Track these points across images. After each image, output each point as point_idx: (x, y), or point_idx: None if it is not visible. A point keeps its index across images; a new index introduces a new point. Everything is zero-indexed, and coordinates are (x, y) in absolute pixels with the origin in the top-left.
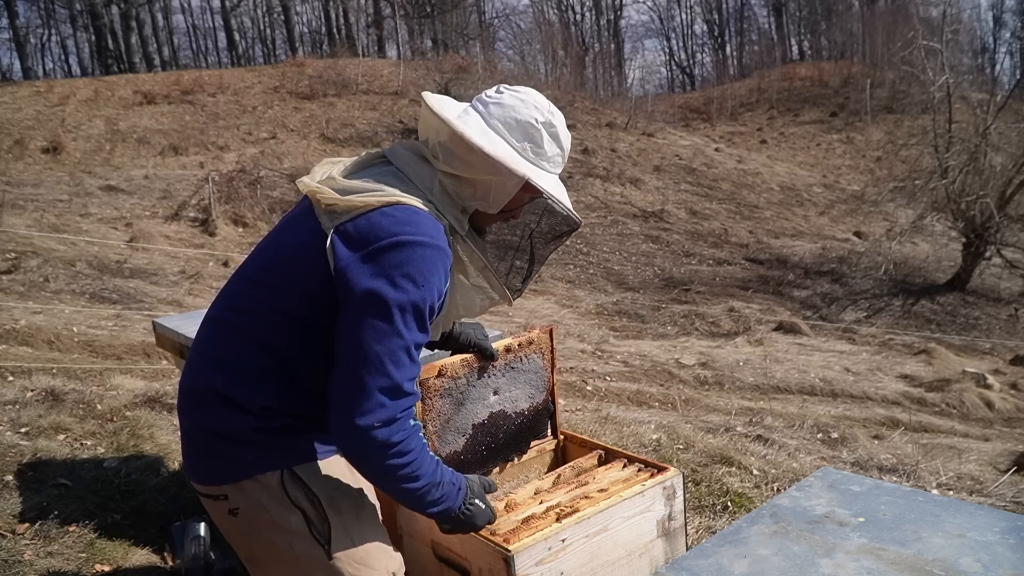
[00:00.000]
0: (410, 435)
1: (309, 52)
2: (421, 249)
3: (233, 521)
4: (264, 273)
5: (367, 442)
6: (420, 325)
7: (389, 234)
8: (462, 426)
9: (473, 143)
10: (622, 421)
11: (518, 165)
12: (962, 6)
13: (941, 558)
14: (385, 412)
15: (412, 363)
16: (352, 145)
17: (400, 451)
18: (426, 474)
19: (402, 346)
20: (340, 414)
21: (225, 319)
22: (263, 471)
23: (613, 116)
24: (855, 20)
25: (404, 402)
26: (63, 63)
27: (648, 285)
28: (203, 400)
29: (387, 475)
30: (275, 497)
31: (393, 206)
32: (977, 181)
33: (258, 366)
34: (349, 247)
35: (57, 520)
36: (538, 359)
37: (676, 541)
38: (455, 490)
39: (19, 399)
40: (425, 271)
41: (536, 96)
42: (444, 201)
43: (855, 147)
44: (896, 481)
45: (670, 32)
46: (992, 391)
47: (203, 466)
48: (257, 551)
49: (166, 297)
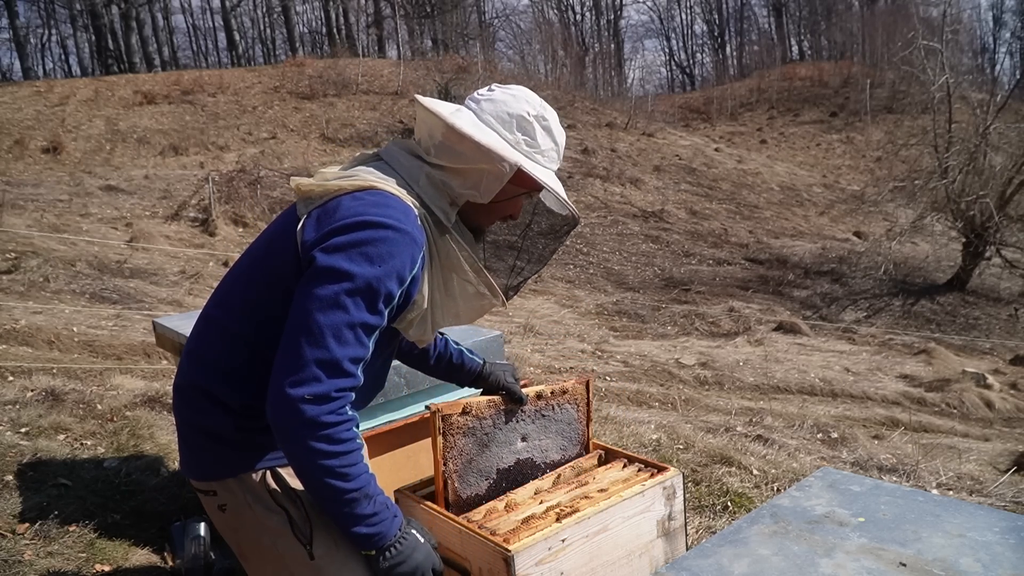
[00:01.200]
0: (344, 422)
1: (309, 52)
2: (384, 231)
3: (222, 516)
4: (247, 269)
5: (295, 415)
6: (370, 306)
7: (354, 214)
8: (486, 469)
9: (464, 132)
10: (622, 421)
11: (510, 153)
12: (962, 6)
13: (941, 558)
14: (319, 386)
15: (358, 343)
16: (352, 145)
17: (329, 436)
18: (357, 477)
19: (347, 321)
20: (273, 382)
21: (212, 316)
22: (247, 470)
23: (613, 116)
24: (855, 20)
25: (341, 382)
26: (63, 63)
27: (648, 285)
28: (190, 397)
29: (311, 461)
30: (259, 497)
31: (365, 190)
32: (977, 181)
33: (240, 363)
34: (315, 228)
35: (57, 520)
36: (572, 410)
37: (676, 541)
38: (390, 515)
39: (19, 399)
40: (384, 252)
41: (527, 92)
42: (430, 193)
43: (855, 147)
44: (896, 481)
45: (670, 32)
46: (992, 391)
47: (193, 462)
48: (245, 547)
49: (166, 297)
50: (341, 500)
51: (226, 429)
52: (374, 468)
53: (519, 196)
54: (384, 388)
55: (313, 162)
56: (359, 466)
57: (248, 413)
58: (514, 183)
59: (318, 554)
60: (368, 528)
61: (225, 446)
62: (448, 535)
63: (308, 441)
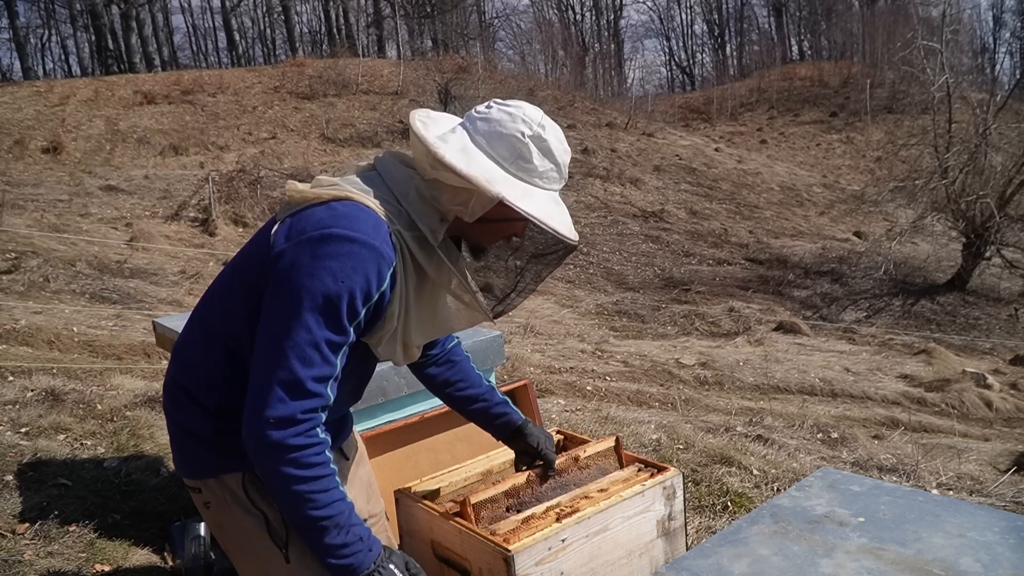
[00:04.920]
0: (313, 446)
1: (309, 52)
2: (349, 244)
3: (208, 513)
4: (230, 271)
5: (261, 439)
6: (333, 322)
7: (322, 226)
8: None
9: (446, 162)
10: (622, 421)
11: (494, 184)
12: (962, 6)
13: (941, 558)
14: (284, 408)
15: (324, 362)
16: (352, 145)
17: (296, 460)
18: (328, 505)
19: (309, 340)
20: (246, 404)
21: (198, 317)
22: (225, 471)
23: (613, 116)
24: (855, 20)
25: (306, 403)
26: (63, 63)
27: (648, 285)
28: (173, 395)
29: (279, 486)
30: (237, 499)
31: (341, 201)
32: (977, 181)
33: (216, 364)
34: (285, 236)
35: (57, 520)
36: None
37: (676, 541)
38: (364, 548)
39: (19, 399)
40: (348, 267)
41: (527, 109)
42: (420, 209)
43: (855, 147)
44: (896, 481)
45: (670, 32)
46: (992, 391)
47: (180, 459)
48: (229, 544)
49: (166, 297)
50: (311, 528)
51: (204, 430)
52: (374, 468)
53: (501, 222)
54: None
55: (313, 162)
56: (331, 492)
57: (224, 415)
58: (493, 210)
59: (293, 558)
60: (338, 560)
61: (204, 446)
62: (448, 535)
63: (276, 465)
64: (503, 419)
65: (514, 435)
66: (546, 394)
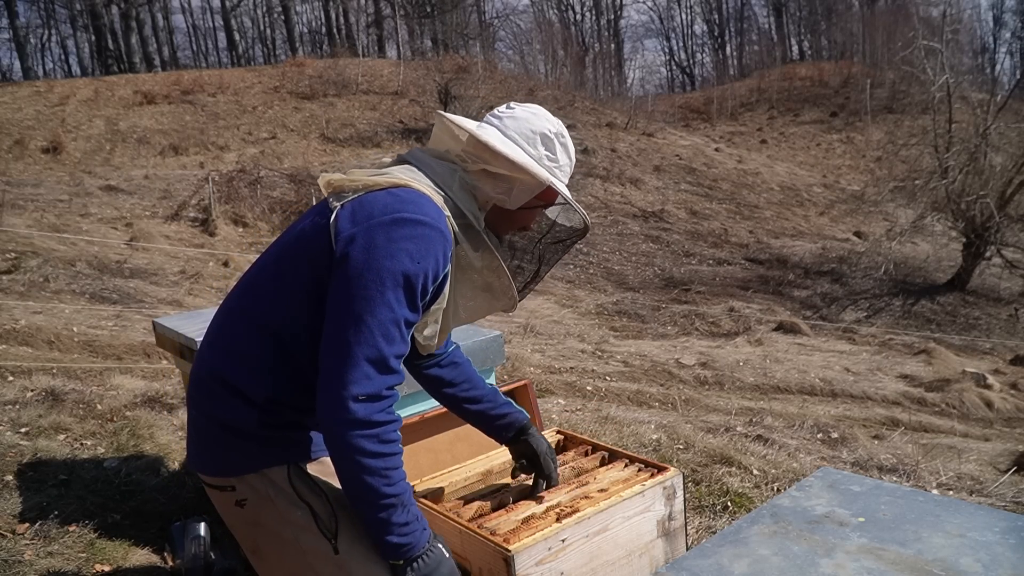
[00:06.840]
0: (392, 422)
1: (309, 52)
2: (421, 228)
3: (240, 512)
4: (276, 261)
5: (347, 414)
6: (411, 302)
7: (392, 210)
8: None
9: (497, 149)
10: (622, 421)
11: (540, 171)
12: (962, 6)
13: (941, 558)
14: (371, 385)
15: (401, 340)
16: (352, 145)
17: (378, 435)
18: (397, 483)
19: (392, 319)
20: (324, 382)
21: (235, 307)
22: (269, 465)
23: (613, 116)
24: (855, 20)
25: (390, 379)
26: (63, 63)
27: (648, 285)
28: (210, 388)
29: (357, 461)
30: (282, 492)
31: (399, 187)
32: (977, 181)
33: (264, 354)
34: (351, 221)
35: (57, 520)
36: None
37: (676, 541)
38: (420, 527)
39: (19, 399)
40: (423, 248)
41: (544, 110)
42: (463, 197)
43: (855, 147)
44: (896, 481)
45: (670, 32)
46: (992, 391)
47: (208, 456)
48: (262, 543)
49: (166, 297)
50: (379, 504)
51: (248, 423)
52: None
53: (539, 207)
54: None
55: (313, 162)
56: (400, 471)
57: (270, 407)
58: (538, 196)
59: (343, 548)
60: (399, 538)
61: (247, 440)
62: (448, 535)
63: (358, 441)
64: (506, 419)
65: (517, 436)
66: (546, 394)
